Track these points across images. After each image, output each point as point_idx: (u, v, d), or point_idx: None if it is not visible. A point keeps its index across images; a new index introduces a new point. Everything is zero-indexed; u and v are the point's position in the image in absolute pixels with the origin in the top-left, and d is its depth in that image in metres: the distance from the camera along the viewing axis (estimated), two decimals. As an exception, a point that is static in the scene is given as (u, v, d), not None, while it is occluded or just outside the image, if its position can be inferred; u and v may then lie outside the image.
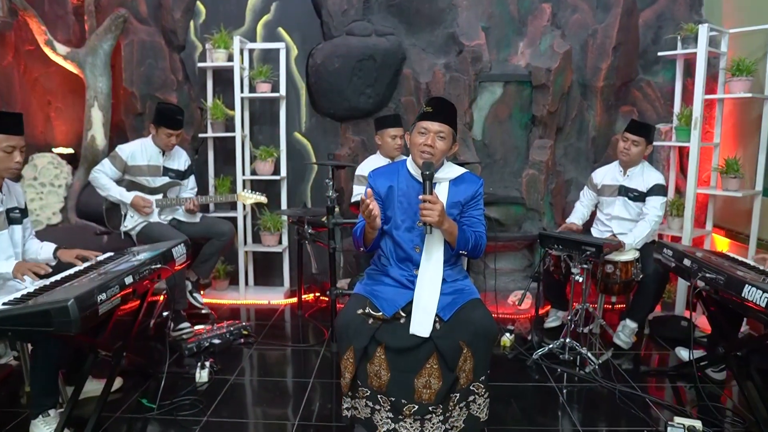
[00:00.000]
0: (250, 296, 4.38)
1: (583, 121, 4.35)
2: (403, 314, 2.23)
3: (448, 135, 2.23)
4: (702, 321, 3.76)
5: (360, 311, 2.16)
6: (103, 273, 2.32)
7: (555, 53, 4.09)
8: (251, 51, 4.42)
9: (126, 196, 3.56)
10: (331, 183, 3.26)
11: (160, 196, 3.67)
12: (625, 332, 3.47)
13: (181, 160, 3.85)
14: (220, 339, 3.39)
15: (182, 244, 2.88)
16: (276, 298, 4.36)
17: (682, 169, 4.18)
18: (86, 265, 2.52)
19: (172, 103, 4.12)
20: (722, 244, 4.01)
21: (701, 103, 3.56)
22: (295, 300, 4.34)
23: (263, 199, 3.84)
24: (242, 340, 3.50)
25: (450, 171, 2.32)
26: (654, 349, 3.52)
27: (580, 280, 3.13)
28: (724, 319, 2.70)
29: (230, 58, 4.22)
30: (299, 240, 3.93)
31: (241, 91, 4.24)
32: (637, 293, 3.44)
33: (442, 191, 2.28)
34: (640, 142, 3.48)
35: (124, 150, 3.61)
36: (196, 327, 3.52)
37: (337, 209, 3.35)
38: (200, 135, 4.42)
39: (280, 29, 4.46)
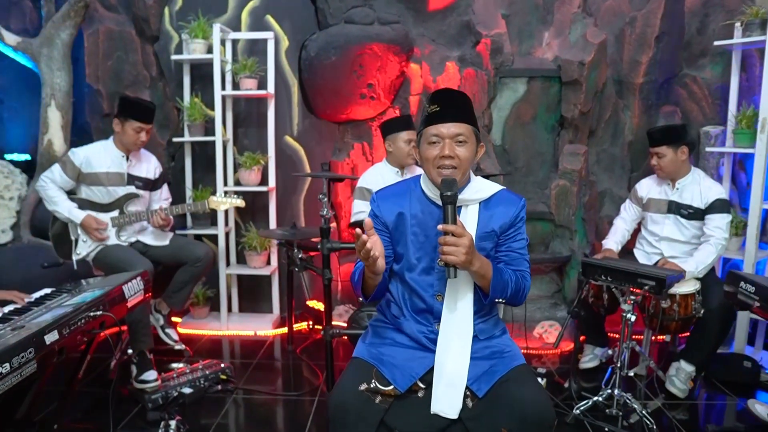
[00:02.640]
0: (233, 325, 3.78)
1: (618, 124, 3.77)
2: (421, 385, 1.65)
3: (470, 136, 1.65)
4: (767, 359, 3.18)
5: (363, 387, 1.57)
6: (18, 327, 1.73)
7: (588, 44, 3.51)
8: (234, 42, 3.82)
9: (76, 214, 2.97)
10: (325, 199, 2.67)
11: (115, 213, 3.07)
12: (681, 377, 2.87)
13: (150, 166, 3.26)
14: (192, 387, 2.79)
15: (138, 278, 2.28)
16: (263, 327, 3.77)
17: (734, 179, 3.60)
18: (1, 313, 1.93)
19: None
20: (784, 267, 3.43)
21: (770, 102, 2.98)
22: (285, 330, 3.74)
23: (239, 202, 3.25)
24: (220, 387, 2.90)
25: (479, 189, 1.74)
26: (714, 397, 2.93)
27: (633, 318, 2.54)
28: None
29: (210, 50, 3.63)
30: (289, 265, 3.33)
31: (223, 89, 3.65)
32: (696, 331, 2.84)
33: (470, 218, 1.70)
34: (665, 152, 2.93)
35: (77, 154, 3.02)
36: (170, 366, 2.94)
37: (333, 225, 2.75)
38: (176, 139, 3.83)
39: (269, 17, 3.86)
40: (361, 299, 1.72)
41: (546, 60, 3.67)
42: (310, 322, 3.85)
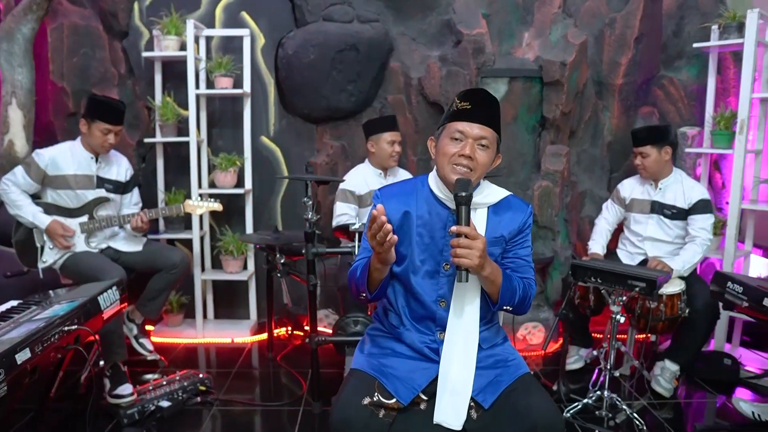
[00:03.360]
0: (209, 332, 3.64)
1: (598, 124, 3.78)
2: (423, 397, 1.58)
3: (492, 143, 1.59)
4: (746, 356, 3.23)
5: (366, 401, 1.49)
6: (-14, 345, 1.59)
7: (569, 44, 3.50)
8: (209, 39, 3.69)
9: (41, 219, 2.80)
10: (310, 203, 2.57)
11: (84, 218, 2.91)
12: (666, 376, 2.89)
13: (121, 168, 3.11)
14: (169, 400, 2.66)
15: (113, 288, 2.15)
16: (241, 334, 3.64)
17: (710, 180, 3.65)
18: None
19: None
20: (758, 265, 3.50)
21: (749, 103, 3.02)
22: (264, 336, 3.63)
23: (217, 206, 3.13)
24: (199, 399, 2.78)
25: (489, 193, 1.68)
26: (697, 395, 2.95)
27: (622, 320, 2.53)
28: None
29: (183, 47, 3.49)
30: (269, 271, 3.22)
31: (197, 87, 3.50)
32: (682, 330, 2.86)
33: (479, 222, 1.64)
34: (650, 152, 2.95)
35: (42, 156, 2.85)
36: (145, 377, 2.80)
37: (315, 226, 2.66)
38: (147, 140, 3.66)
39: (244, 13, 3.73)
40: (363, 296, 1.62)
41: (527, 60, 3.65)
42: (289, 328, 3.74)
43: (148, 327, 3.56)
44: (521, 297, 1.61)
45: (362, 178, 3.21)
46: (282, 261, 2.86)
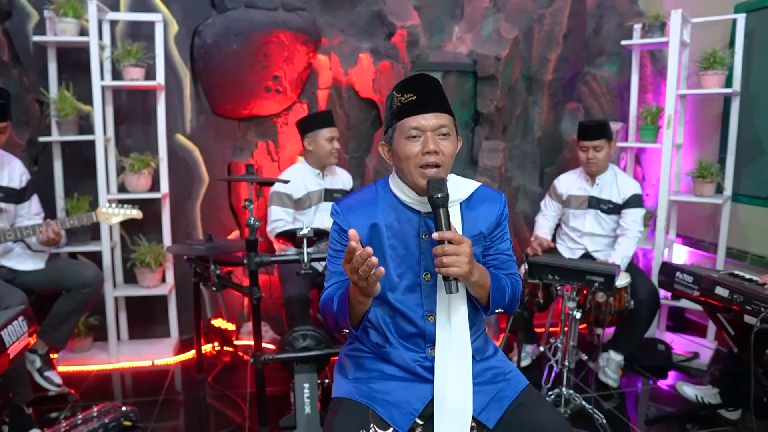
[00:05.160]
0: (125, 356, 3.22)
1: (528, 120, 3.80)
2: (419, 422, 1.41)
3: (452, 128, 1.44)
4: (678, 341, 3.38)
5: (363, 434, 1.29)
6: None
7: (503, 39, 3.47)
8: (113, 24, 3.25)
9: None
10: (252, 206, 2.30)
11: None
12: (612, 367, 2.94)
13: (14, 172, 2.65)
14: (89, 443, 2.28)
15: (20, 318, 1.77)
16: (162, 355, 3.26)
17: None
18: None
19: None
20: (680, 253, 3.69)
21: (674, 100, 3.14)
22: (189, 355, 3.29)
23: (135, 213, 2.75)
24: (124, 436, 2.41)
25: (459, 188, 1.52)
26: (640, 382, 3.03)
27: (578, 316, 2.52)
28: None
29: (83, 32, 3.04)
30: (198, 283, 2.88)
31: (102, 78, 3.07)
32: (626, 321, 2.91)
33: (453, 221, 1.48)
34: (603, 145, 2.98)
35: None
36: (53, 416, 2.38)
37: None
38: (42, 139, 3.16)
39: (154, -4, 3.33)
40: (346, 332, 1.42)
41: (461, 54, 3.58)
42: (216, 344, 3.41)
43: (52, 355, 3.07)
44: (511, 296, 1.50)
45: (299, 179, 2.97)
46: (217, 272, 2.55)
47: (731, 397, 2.51)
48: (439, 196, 1.34)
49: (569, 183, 3.20)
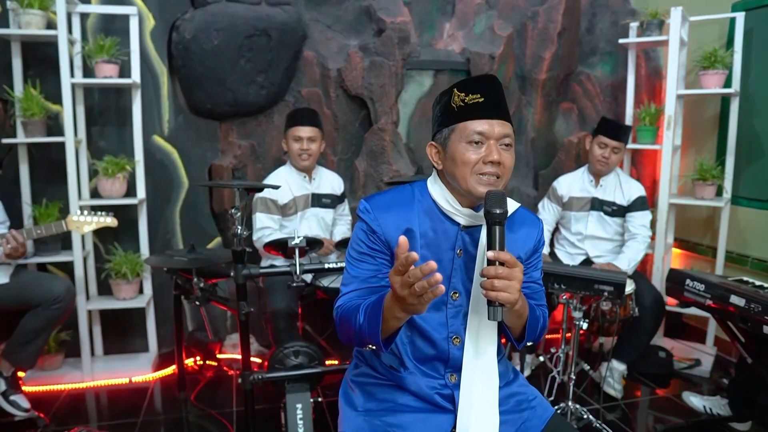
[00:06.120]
0: (99, 373, 3.00)
1: (522, 120, 3.68)
2: (438, 457, 1.26)
3: (513, 140, 1.30)
4: (677, 347, 3.29)
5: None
6: None
7: (496, 36, 3.35)
8: (84, 16, 3.03)
9: None
10: (239, 215, 2.13)
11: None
12: (615, 377, 2.84)
13: (-27, 180, 2.42)
14: (60, 475, 2.08)
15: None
16: (140, 371, 3.05)
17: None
18: None
19: None
20: (676, 256, 3.61)
21: (674, 100, 3.05)
22: (169, 371, 3.09)
23: (110, 221, 2.55)
24: (100, 465, 2.21)
25: None
26: (643, 392, 2.93)
27: (585, 326, 2.40)
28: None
29: (51, 26, 2.81)
30: (179, 296, 2.68)
31: (72, 75, 2.85)
32: (630, 329, 2.81)
33: None
34: (621, 148, 2.88)
35: None
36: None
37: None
38: (5, 141, 2.92)
39: (127, -11, 3.12)
40: (371, 347, 1.24)
41: (452, 52, 3.45)
42: (198, 358, 3.22)
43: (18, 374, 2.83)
44: (542, 328, 1.36)
45: (285, 184, 2.80)
46: (201, 285, 2.36)
47: (742, 409, 2.42)
48: (498, 212, 1.18)
49: (570, 184, 3.08)
